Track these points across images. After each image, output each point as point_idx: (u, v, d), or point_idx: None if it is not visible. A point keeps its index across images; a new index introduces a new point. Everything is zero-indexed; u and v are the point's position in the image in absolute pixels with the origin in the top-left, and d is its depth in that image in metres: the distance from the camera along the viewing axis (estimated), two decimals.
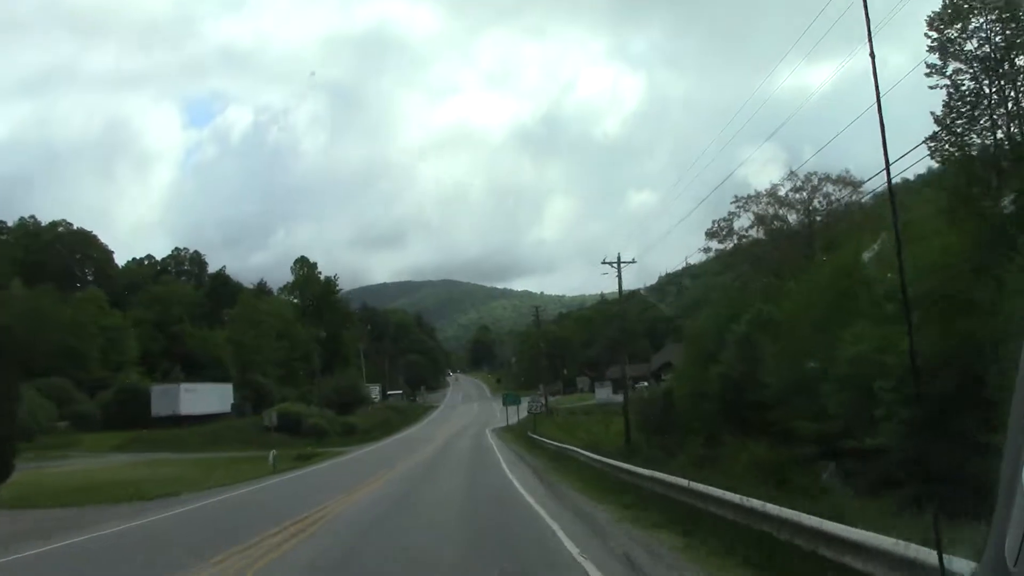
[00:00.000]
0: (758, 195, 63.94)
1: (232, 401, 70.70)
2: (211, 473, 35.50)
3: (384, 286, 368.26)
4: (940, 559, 3.25)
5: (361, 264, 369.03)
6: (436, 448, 48.67)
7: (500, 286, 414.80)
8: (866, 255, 33.58)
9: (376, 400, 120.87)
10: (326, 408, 69.23)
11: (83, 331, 65.84)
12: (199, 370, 75.82)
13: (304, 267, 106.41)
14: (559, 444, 40.13)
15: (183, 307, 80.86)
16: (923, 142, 23.53)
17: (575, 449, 34.33)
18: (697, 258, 72.04)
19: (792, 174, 60.09)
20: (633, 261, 53.08)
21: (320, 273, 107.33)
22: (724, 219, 65.37)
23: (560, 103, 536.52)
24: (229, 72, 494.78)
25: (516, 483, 23.39)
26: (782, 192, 61.71)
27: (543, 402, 62.64)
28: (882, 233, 33.35)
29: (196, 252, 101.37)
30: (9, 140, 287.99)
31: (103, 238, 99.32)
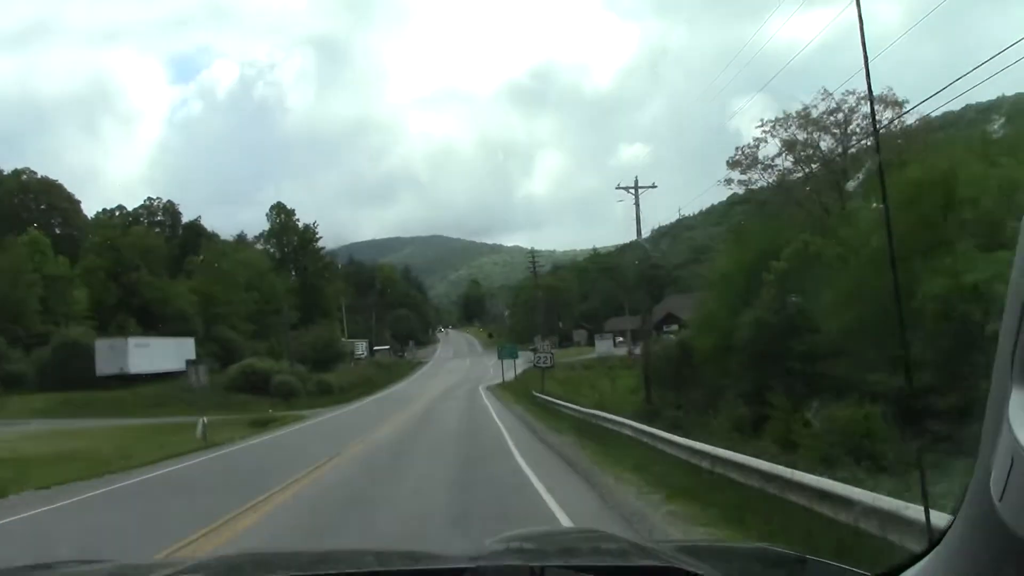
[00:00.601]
0: (787, 117, 54.69)
1: (193, 357, 62.39)
2: (129, 447, 27.66)
3: (372, 242, 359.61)
4: (925, 497, 2.98)
5: (349, 220, 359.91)
6: (418, 411, 40.89)
7: (490, 242, 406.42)
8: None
9: (362, 356, 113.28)
10: (299, 364, 61.19)
11: (19, 279, 57.27)
12: (159, 324, 67.53)
13: (281, 214, 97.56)
14: (578, 407, 31.05)
15: (143, 255, 72.13)
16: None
17: (607, 415, 25.72)
18: (706, 199, 63.36)
19: (826, 93, 51.56)
20: (653, 186, 44.78)
21: (298, 220, 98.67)
22: (748, 146, 57.09)
23: (551, 56, 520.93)
24: (214, 25, 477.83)
25: (542, 487, 13.45)
26: (816, 113, 53.40)
27: (551, 354, 54.63)
28: None
29: (169, 202, 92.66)
30: None
31: (88, 199, 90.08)
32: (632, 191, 42.87)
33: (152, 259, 76.75)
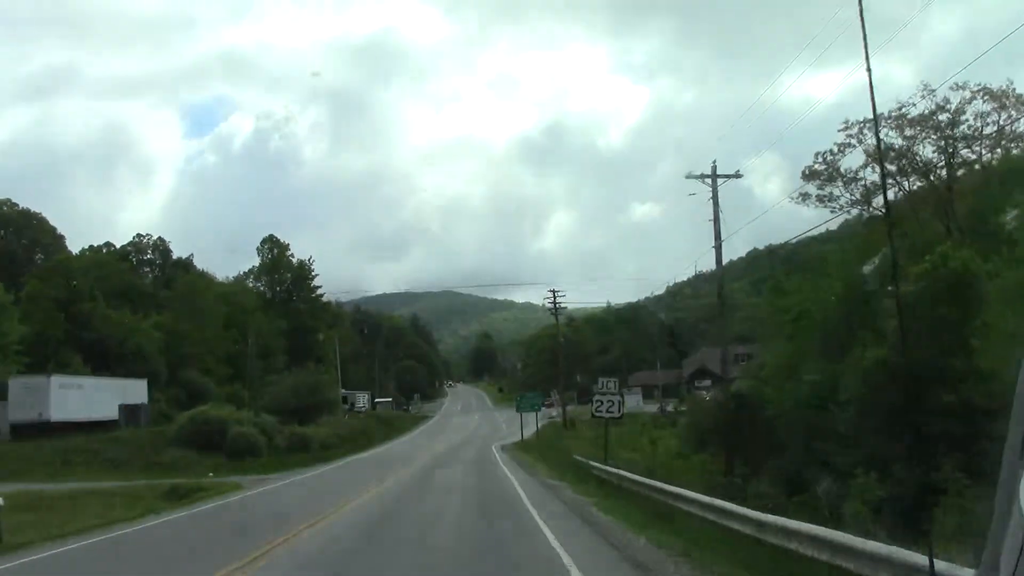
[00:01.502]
0: (879, 118, 41.79)
1: (145, 402, 50.23)
2: None
3: (383, 296, 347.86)
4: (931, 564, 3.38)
5: (360, 274, 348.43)
6: (405, 481, 28.61)
7: (501, 298, 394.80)
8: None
9: (363, 409, 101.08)
10: (270, 415, 48.91)
11: None
12: (114, 364, 55.51)
13: (273, 248, 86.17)
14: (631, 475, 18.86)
15: (99, 283, 60.68)
16: None
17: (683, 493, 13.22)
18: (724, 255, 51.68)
19: (926, 89, 39.73)
20: (737, 175, 32.83)
21: (292, 256, 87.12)
22: (829, 152, 45.36)
23: (564, 113, 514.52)
24: (230, 78, 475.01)
25: None
26: (915, 112, 41.59)
27: (620, 397, 43.87)
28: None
29: (160, 239, 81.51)
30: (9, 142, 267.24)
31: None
32: (707, 181, 30.86)
33: (113, 289, 65.13)
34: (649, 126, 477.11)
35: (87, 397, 45.04)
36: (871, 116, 37.06)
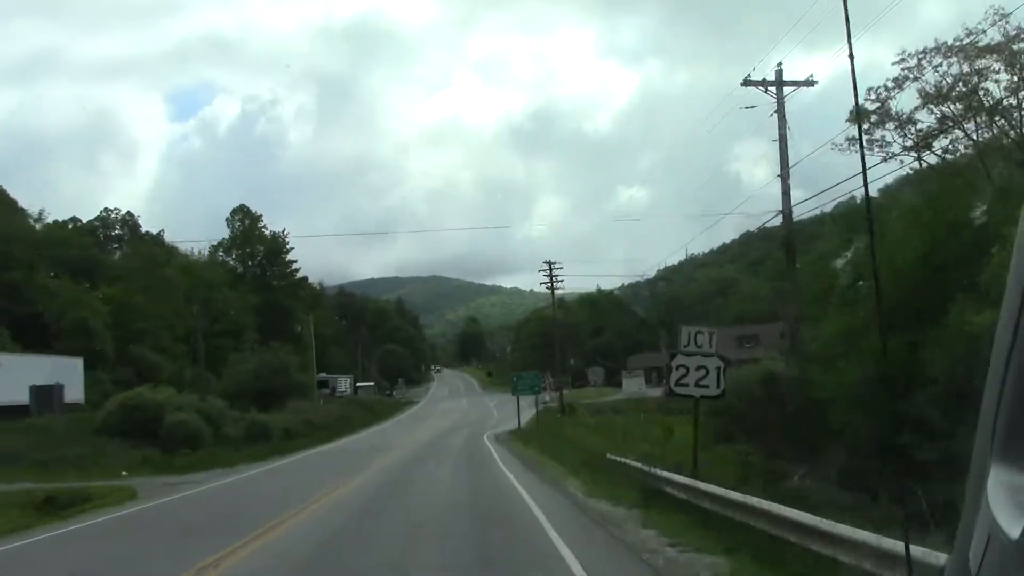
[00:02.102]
0: (938, 47, 33.46)
1: (80, 382, 42.57)
2: None
3: (369, 281, 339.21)
4: (907, 554, 3.24)
5: (346, 259, 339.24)
6: (375, 480, 21.09)
7: (489, 283, 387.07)
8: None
9: (344, 393, 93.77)
10: (227, 399, 41.26)
11: None
12: (53, 340, 47.77)
13: (244, 218, 78.11)
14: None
15: (37, 248, 52.67)
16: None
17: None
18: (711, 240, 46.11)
19: (1000, 13, 32.01)
20: (811, 81, 25.11)
21: (265, 228, 79.07)
22: (884, 88, 37.74)
23: (551, 98, 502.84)
24: (214, 62, 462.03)
25: None
26: (985, 40, 33.90)
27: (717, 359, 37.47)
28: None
29: (128, 213, 72.96)
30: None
31: None
32: (771, 89, 23.30)
33: (75, 264, 57.28)
34: (638, 109, 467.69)
35: (4, 376, 37.27)
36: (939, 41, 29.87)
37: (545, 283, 63.12)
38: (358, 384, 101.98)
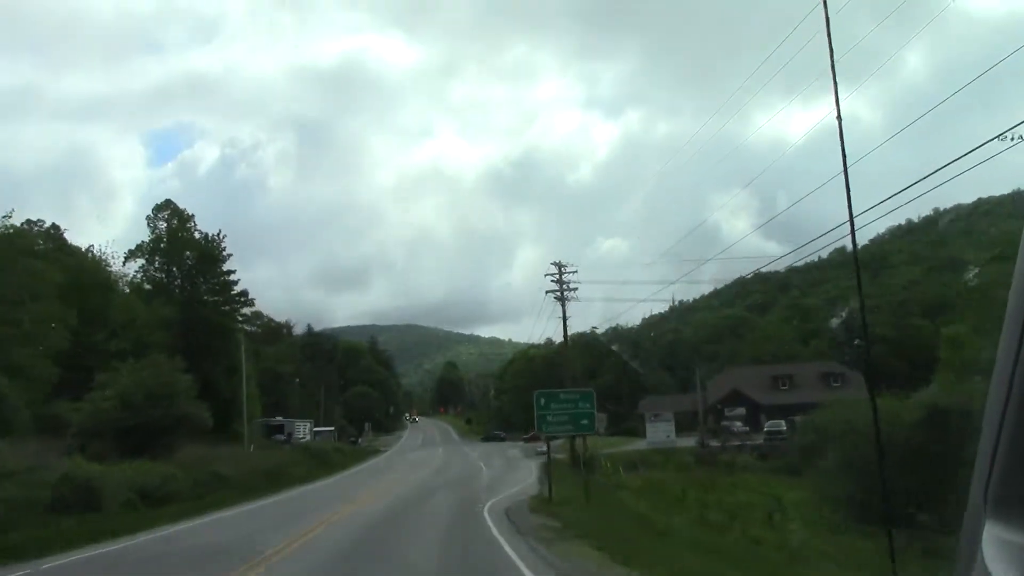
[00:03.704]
0: None
1: None
2: None
3: (345, 329, 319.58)
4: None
5: (322, 306, 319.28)
6: None
7: (467, 332, 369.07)
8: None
9: (302, 439, 75.39)
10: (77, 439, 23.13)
11: None
12: None
13: (172, 217, 60.24)
14: None
15: None
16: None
17: None
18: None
19: None
20: None
21: (196, 229, 61.03)
22: None
23: (532, 147, 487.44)
24: (193, 106, 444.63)
25: None
26: None
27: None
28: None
29: (54, 225, 54.53)
30: None
31: None
32: None
33: None
34: (618, 159, 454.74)
35: None
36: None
37: (552, 291, 45.70)
38: (315, 429, 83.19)
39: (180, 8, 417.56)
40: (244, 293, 61.87)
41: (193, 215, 62.05)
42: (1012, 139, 9.73)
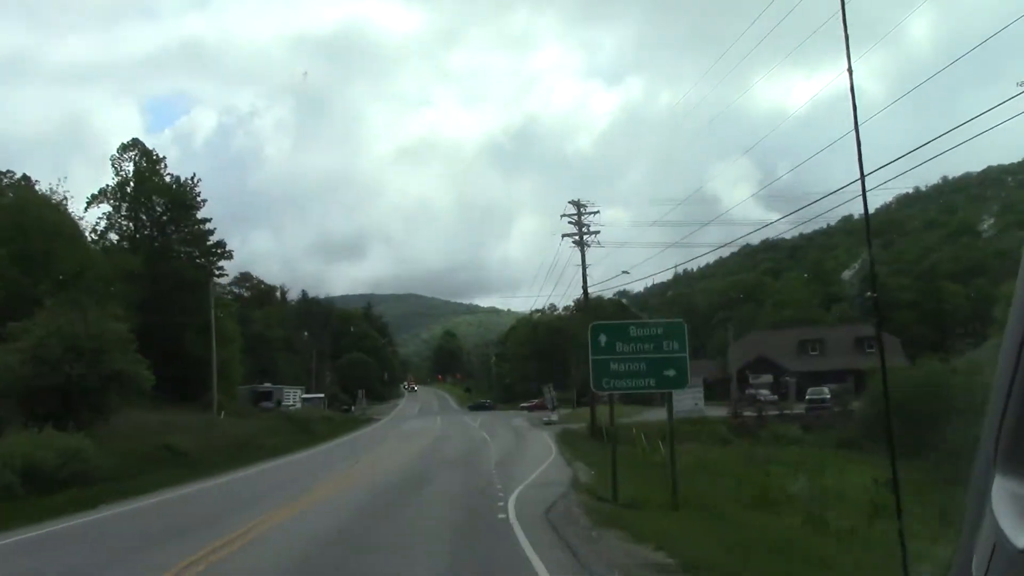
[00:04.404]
0: None
1: None
2: None
3: (343, 298, 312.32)
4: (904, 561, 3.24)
5: (320, 275, 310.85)
6: None
7: (466, 302, 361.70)
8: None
9: (291, 407, 69.63)
10: None
11: None
12: None
13: (141, 157, 52.99)
14: None
15: None
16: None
17: None
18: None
19: None
20: None
21: (167, 172, 53.74)
22: None
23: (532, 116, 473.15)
24: (190, 73, 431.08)
25: None
26: None
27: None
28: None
29: (24, 176, 47.15)
30: None
31: None
32: None
33: None
34: (618, 128, 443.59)
35: None
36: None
37: (570, 234, 38.60)
38: (304, 396, 76.67)
39: None
40: (221, 244, 54.67)
41: (164, 157, 54.83)
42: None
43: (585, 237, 37.32)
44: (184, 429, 34.95)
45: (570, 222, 37.51)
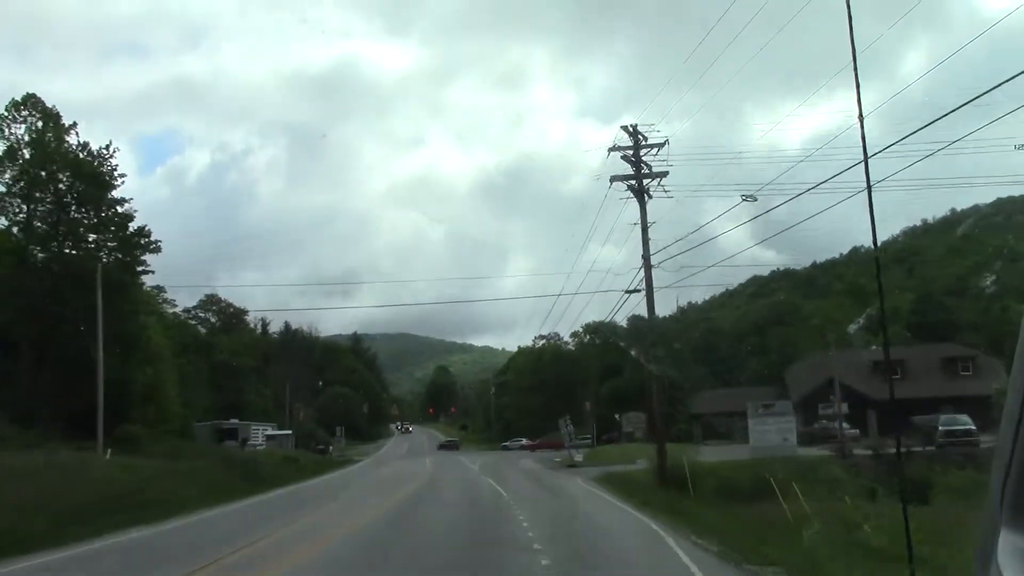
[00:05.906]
0: None
1: None
2: None
3: (336, 337, 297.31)
4: (909, 551, 3.13)
5: (311, 314, 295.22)
6: None
7: (459, 341, 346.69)
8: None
9: (258, 445, 56.60)
10: None
11: None
12: None
13: (36, 118, 39.61)
14: None
15: None
16: None
17: None
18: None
19: None
20: None
21: (74, 137, 40.24)
22: None
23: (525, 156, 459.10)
24: (183, 109, 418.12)
25: None
26: None
27: None
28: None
29: None
30: None
31: None
32: None
33: None
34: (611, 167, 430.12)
35: None
36: None
37: (623, 177, 24.77)
38: (267, 433, 62.43)
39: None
40: (143, 231, 40.70)
41: (76, 123, 41.28)
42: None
43: (645, 182, 23.64)
44: (38, 474, 21.31)
45: (623, 156, 23.83)
